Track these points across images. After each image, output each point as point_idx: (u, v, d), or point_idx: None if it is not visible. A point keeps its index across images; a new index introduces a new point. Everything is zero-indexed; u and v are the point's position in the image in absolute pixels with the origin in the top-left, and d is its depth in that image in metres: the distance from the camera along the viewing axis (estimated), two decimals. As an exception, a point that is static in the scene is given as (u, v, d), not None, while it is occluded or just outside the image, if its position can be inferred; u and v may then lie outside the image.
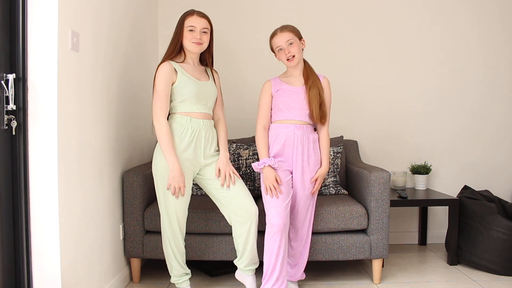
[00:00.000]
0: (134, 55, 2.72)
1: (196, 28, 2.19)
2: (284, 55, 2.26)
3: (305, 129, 2.29)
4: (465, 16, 3.36)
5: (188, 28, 2.19)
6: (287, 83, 2.33)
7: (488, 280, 2.62)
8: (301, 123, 2.29)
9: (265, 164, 2.23)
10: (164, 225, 2.25)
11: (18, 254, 1.73)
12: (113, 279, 2.34)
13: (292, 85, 2.32)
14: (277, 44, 2.28)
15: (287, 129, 2.28)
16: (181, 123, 2.20)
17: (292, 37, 2.26)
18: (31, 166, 1.73)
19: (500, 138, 3.41)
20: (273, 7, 3.32)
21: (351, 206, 2.53)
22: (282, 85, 2.33)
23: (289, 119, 2.28)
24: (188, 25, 2.20)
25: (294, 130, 2.27)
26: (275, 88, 2.33)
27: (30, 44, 1.71)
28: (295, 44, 2.26)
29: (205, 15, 2.24)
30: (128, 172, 2.48)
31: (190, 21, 2.20)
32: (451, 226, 2.90)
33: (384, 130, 3.39)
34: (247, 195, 2.26)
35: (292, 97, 2.29)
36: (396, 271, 2.78)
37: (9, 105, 1.65)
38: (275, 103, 2.32)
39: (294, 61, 2.27)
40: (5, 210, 1.68)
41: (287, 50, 2.25)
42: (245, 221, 2.22)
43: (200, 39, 2.20)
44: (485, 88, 3.40)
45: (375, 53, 3.36)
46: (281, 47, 2.27)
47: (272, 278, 2.20)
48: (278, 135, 2.29)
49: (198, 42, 2.20)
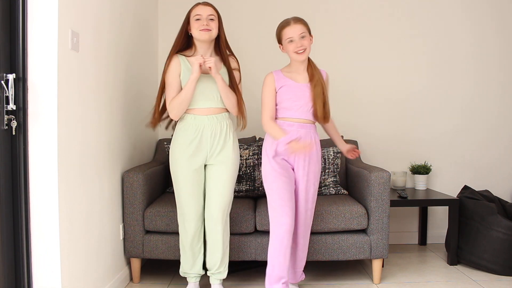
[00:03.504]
0: (134, 55, 2.72)
1: (202, 16, 2.19)
2: (294, 47, 2.17)
3: (308, 128, 2.25)
4: (461, 16, 3.36)
5: (194, 18, 2.19)
6: (292, 79, 2.25)
7: (488, 280, 2.62)
8: (305, 121, 2.24)
9: (292, 138, 2.14)
10: (179, 219, 2.31)
11: (18, 254, 1.73)
12: (113, 279, 2.34)
13: (297, 82, 2.24)
14: (289, 35, 2.18)
15: (291, 127, 2.22)
16: (185, 122, 2.23)
17: (305, 31, 2.19)
18: (31, 166, 1.73)
19: (500, 138, 3.41)
20: (276, 1, 3.32)
21: (351, 206, 2.53)
22: (286, 80, 2.24)
23: (293, 117, 2.23)
24: (194, 14, 2.20)
25: (298, 129, 2.23)
26: (279, 83, 2.24)
27: (30, 44, 1.71)
28: (307, 38, 2.19)
29: (210, 3, 2.25)
30: (128, 172, 2.48)
31: (196, 11, 2.21)
32: (451, 226, 2.90)
33: (384, 130, 3.39)
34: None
35: (298, 94, 2.22)
36: (396, 271, 2.78)
37: (9, 105, 1.65)
38: (280, 100, 2.24)
39: (304, 54, 2.18)
40: (5, 210, 1.68)
41: (299, 43, 2.16)
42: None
43: (207, 25, 2.18)
44: (484, 88, 3.40)
45: (375, 54, 3.36)
46: (293, 39, 2.17)
47: (274, 277, 2.18)
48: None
49: (206, 29, 2.18)
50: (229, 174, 2.27)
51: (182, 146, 2.23)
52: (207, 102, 2.22)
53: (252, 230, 2.49)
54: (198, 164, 2.24)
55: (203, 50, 2.24)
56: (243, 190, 2.83)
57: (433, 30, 3.36)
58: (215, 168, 2.26)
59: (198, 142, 2.22)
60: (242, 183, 2.83)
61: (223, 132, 2.25)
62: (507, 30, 3.38)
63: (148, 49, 3.07)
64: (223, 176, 2.26)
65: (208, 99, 2.22)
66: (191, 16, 2.21)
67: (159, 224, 2.47)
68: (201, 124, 2.22)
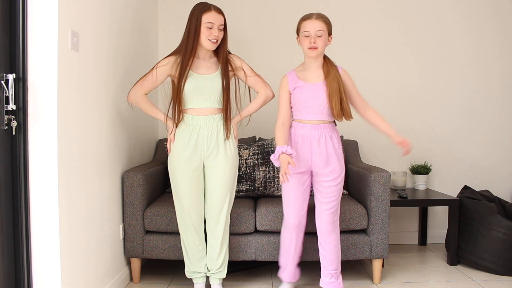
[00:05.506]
0: (134, 55, 2.72)
1: (214, 25, 2.15)
2: (308, 43, 2.15)
3: (322, 128, 2.21)
4: (461, 15, 3.36)
5: (206, 25, 2.14)
6: (304, 80, 2.23)
7: (488, 280, 2.62)
8: (319, 122, 2.21)
9: (279, 152, 2.10)
10: (178, 218, 2.31)
11: (18, 254, 1.73)
12: (113, 279, 2.34)
13: (309, 82, 2.22)
14: (306, 29, 2.15)
15: (303, 129, 2.22)
16: (182, 122, 2.23)
17: (324, 29, 2.15)
18: (31, 166, 1.73)
19: (500, 138, 3.41)
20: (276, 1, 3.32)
21: (351, 206, 2.53)
22: (298, 82, 2.23)
23: (305, 119, 2.21)
24: (207, 21, 2.14)
25: (311, 130, 2.20)
26: (292, 85, 2.24)
27: (30, 44, 1.71)
28: (323, 37, 2.15)
29: (221, 10, 2.20)
30: (128, 172, 2.48)
31: (209, 17, 2.14)
32: (451, 226, 2.90)
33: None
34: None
35: (309, 95, 2.20)
36: (396, 271, 2.78)
37: (9, 105, 1.65)
38: (293, 102, 2.24)
39: (315, 52, 2.15)
40: (5, 210, 1.68)
41: (313, 39, 2.14)
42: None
43: (217, 36, 2.17)
44: (484, 88, 3.40)
45: (375, 54, 3.36)
46: (309, 34, 2.14)
47: (283, 269, 2.36)
48: (296, 134, 2.24)
49: (216, 41, 2.18)
50: (228, 174, 2.27)
51: (180, 147, 2.23)
52: (204, 102, 2.22)
53: (252, 230, 2.49)
54: (196, 164, 2.24)
55: (202, 53, 2.24)
56: (243, 190, 2.83)
57: (433, 30, 3.36)
58: (214, 168, 2.26)
59: (195, 142, 2.22)
60: (242, 183, 2.83)
61: (220, 132, 2.25)
62: (508, 31, 3.38)
63: (148, 49, 3.07)
64: (222, 176, 2.26)
65: (204, 99, 2.22)
66: (203, 21, 2.14)
67: (159, 224, 2.47)
68: (198, 124, 2.22)
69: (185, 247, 2.33)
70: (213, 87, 2.23)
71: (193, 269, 2.34)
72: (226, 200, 2.28)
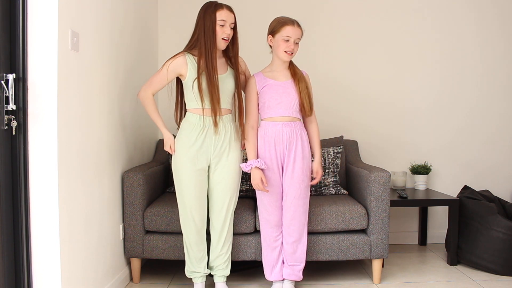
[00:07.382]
0: (134, 55, 2.72)
1: (226, 23, 2.16)
2: (287, 47, 2.23)
3: (293, 125, 2.29)
4: (463, 16, 3.36)
5: (219, 23, 2.14)
6: (273, 78, 2.31)
7: (488, 280, 2.62)
8: (290, 119, 2.29)
9: (252, 165, 2.24)
10: (180, 218, 2.31)
11: (18, 254, 1.73)
12: (113, 279, 2.34)
13: (278, 80, 2.30)
14: (288, 34, 2.22)
15: (275, 127, 2.27)
16: (190, 121, 2.22)
17: (300, 37, 2.27)
18: (31, 166, 1.73)
19: (500, 137, 3.41)
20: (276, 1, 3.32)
21: (351, 206, 2.53)
22: (267, 80, 2.30)
23: (277, 116, 2.28)
24: (220, 19, 2.14)
25: (282, 128, 2.27)
26: (260, 84, 2.31)
27: (30, 44, 1.71)
28: (298, 44, 2.28)
29: (232, 9, 2.21)
30: (128, 172, 2.48)
31: (221, 15, 2.14)
32: (451, 226, 2.90)
33: (384, 130, 3.39)
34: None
35: (279, 91, 2.28)
36: (396, 271, 2.78)
37: (9, 105, 1.65)
38: (262, 100, 2.30)
39: (290, 56, 2.26)
40: (5, 210, 1.68)
41: (292, 45, 2.23)
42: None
43: (229, 35, 2.18)
44: (484, 88, 3.40)
45: (375, 54, 3.36)
46: (289, 39, 2.22)
47: (265, 267, 2.39)
48: (267, 133, 2.29)
49: (227, 40, 2.18)
50: (234, 174, 2.29)
51: (186, 146, 2.22)
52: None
53: (252, 230, 2.49)
54: (202, 164, 2.24)
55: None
56: (243, 190, 2.83)
57: (434, 30, 3.36)
58: (221, 168, 2.26)
59: (202, 142, 2.21)
60: (242, 183, 2.83)
61: (228, 133, 2.25)
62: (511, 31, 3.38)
63: (148, 49, 3.07)
64: (227, 175, 2.27)
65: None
66: (217, 19, 2.13)
67: (159, 224, 2.47)
68: (206, 124, 2.21)
69: (187, 247, 2.33)
70: (224, 87, 2.22)
71: (193, 269, 2.35)
72: (232, 200, 2.31)
